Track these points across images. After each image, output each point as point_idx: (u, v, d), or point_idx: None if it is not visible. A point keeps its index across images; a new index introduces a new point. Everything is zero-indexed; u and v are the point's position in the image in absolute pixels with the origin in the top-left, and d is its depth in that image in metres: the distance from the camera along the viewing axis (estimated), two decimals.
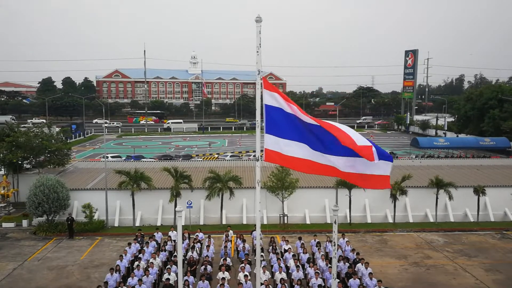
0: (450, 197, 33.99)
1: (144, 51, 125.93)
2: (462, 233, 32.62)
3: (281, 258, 23.00)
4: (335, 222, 11.77)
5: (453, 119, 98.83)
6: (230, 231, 27.22)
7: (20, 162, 39.21)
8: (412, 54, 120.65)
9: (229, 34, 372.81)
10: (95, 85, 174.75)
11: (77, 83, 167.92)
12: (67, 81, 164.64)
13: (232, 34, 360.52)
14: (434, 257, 27.65)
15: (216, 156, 64.45)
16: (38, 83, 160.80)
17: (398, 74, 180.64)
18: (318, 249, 24.20)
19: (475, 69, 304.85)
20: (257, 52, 12.02)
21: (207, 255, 23.81)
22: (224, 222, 33.43)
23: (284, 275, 21.05)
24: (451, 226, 33.93)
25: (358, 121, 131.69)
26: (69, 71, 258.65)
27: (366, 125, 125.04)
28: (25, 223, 33.73)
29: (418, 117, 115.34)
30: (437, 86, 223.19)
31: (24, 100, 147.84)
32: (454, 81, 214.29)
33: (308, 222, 34.44)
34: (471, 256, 27.82)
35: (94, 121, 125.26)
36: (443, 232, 32.79)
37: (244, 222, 33.96)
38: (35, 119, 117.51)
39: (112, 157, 56.24)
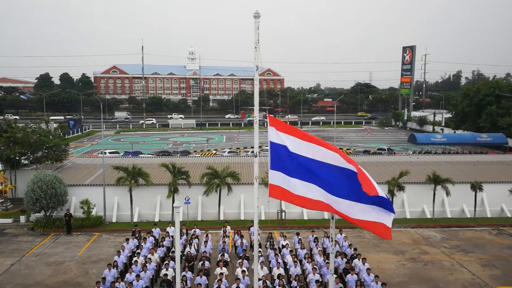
0: (447, 193, 34.11)
1: (142, 47, 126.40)
2: (459, 229, 32.75)
3: (279, 254, 23.07)
4: (332, 218, 11.80)
5: (451, 115, 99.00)
6: (228, 226, 27.26)
7: (17, 158, 39.17)
8: (409, 50, 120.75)
9: (229, 31, 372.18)
10: (92, 81, 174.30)
11: (75, 79, 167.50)
12: (65, 77, 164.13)
13: (231, 32, 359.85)
14: (431, 253, 27.77)
15: (214, 152, 64.45)
16: (36, 79, 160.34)
17: (396, 70, 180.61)
18: (316, 244, 24.29)
19: (473, 65, 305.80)
20: (255, 48, 12.04)
21: (205, 251, 23.87)
22: (222, 218, 33.48)
23: (281, 270, 21.13)
24: (448, 222, 34.07)
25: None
26: (66, 67, 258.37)
27: (363, 121, 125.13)
28: (23, 219, 33.73)
29: (415, 113, 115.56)
30: (435, 82, 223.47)
31: (21, 96, 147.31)
32: (452, 77, 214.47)
33: (305, 218, 34.52)
34: (467, 252, 27.95)
35: (124, 116, 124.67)
36: (440, 228, 32.91)
37: (242, 218, 34.03)
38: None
39: (110, 153, 56.18)
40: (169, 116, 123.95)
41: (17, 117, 72.79)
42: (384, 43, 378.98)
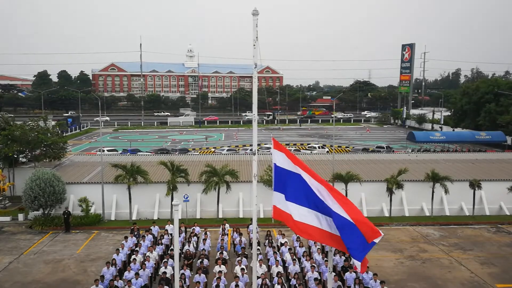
0: (446, 191, 34.12)
1: (140, 44, 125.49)
2: (457, 226, 32.77)
3: (278, 252, 23.08)
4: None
5: (449, 113, 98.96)
6: (227, 224, 27.25)
7: (15, 156, 39.08)
8: (409, 48, 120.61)
9: (227, 28, 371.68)
10: (91, 78, 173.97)
11: (73, 77, 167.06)
12: (63, 75, 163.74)
13: (230, 27, 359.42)
14: (430, 251, 27.79)
15: (213, 150, 64.40)
16: (34, 76, 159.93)
17: (395, 68, 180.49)
18: (314, 242, 24.28)
19: (472, 63, 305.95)
20: (254, 45, 12.01)
21: (203, 249, 23.88)
22: (220, 216, 33.46)
23: (280, 268, 21.12)
24: (447, 220, 34.09)
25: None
26: (64, 65, 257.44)
27: (363, 119, 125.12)
28: (21, 217, 33.67)
29: (414, 111, 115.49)
30: (434, 80, 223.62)
31: (19, 94, 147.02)
32: (451, 75, 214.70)
33: None
34: (466, 250, 27.97)
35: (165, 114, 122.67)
36: (438, 225, 32.93)
37: (241, 216, 34.01)
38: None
39: (108, 150, 56.10)
40: (182, 112, 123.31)
41: (11, 115, 72.48)
42: (383, 41, 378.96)
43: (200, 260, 21.84)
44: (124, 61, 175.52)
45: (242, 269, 20.44)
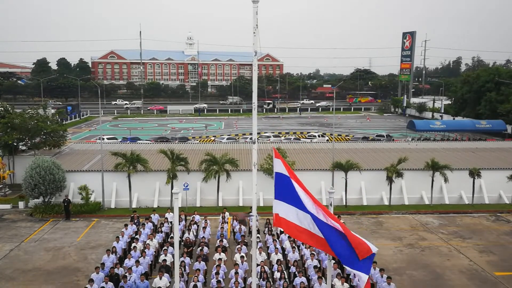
0: (446, 180, 34.17)
1: (140, 32, 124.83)
2: (457, 215, 32.87)
3: (277, 240, 23.16)
4: (330, 204, 11.78)
5: (450, 102, 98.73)
6: (227, 213, 27.31)
7: (15, 144, 39.05)
8: (409, 36, 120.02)
9: (227, 16, 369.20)
10: (90, 66, 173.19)
11: (72, 64, 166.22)
12: (62, 62, 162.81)
13: (229, 13, 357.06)
14: (429, 239, 27.90)
15: (213, 138, 64.36)
16: (33, 64, 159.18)
17: (396, 56, 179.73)
18: None
19: (473, 51, 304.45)
20: (254, 33, 11.89)
21: (203, 237, 23.98)
22: (220, 204, 33.53)
23: (280, 256, 21.22)
24: (446, 208, 34.18)
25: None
26: (63, 52, 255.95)
27: (363, 108, 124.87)
28: (21, 204, 33.74)
29: (414, 100, 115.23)
30: (434, 68, 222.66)
31: (19, 81, 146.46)
32: (451, 63, 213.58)
33: None
34: (465, 238, 28.09)
35: (201, 105, 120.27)
36: (438, 214, 33.03)
37: (241, 204, 34.09)
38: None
39: (108, 139, 56.05)
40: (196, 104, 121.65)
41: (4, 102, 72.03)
42: (384, 29, 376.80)
43: (200, 248, 21.93)
44: (123, 49, 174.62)
45: (242, 257, 20.54)
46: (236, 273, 18.94)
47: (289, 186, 11.09)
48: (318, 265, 20.08)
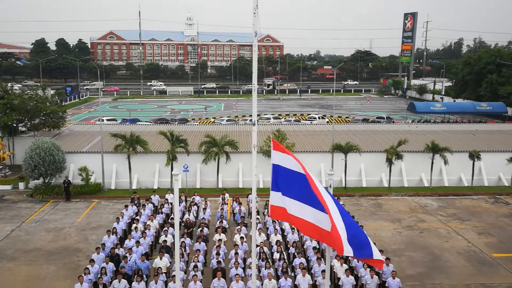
0: (445, 162, 34.18)
1: (139, 12, 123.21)
2: (456, 197, 32.98)
3: (277, 221, 23.25)
4: (330, 186, 11.78)
5: (451, 84, 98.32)
6: (226, 194, 27.41)
7: (15, 125, 38.98)
8: (411, 17, 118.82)
9: None
10: (89, 46, 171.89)
11: (71, 45, 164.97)
12: (61, 43, 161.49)
13: None
14: (428, 221, 28.05)
15: (212, 120, 64.23)
16: (31, 44, 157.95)
17: (397, 37, 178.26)
18: None
19: (475, 32, 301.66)
20: (254, 13, 11.72)
21: (203, 218, 24.10)
22: (220, 186, 33.60)
23: (279, 237, 21.35)
24: (446, 191, 34.27)
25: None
26: (62, 32, 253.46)
27: (363, 89, 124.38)
28: (21, 185, 33.82)
29: (415, 82, 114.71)
30: (436, 50, 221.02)
31: (17, 62, 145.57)
32: (453, 45, 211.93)
33: None
34: (464, 220, 28.23)
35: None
36: (437, 196, 33.15)
37: (240, 186, 34.16)
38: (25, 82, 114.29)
39: (107, 120, 55.93)
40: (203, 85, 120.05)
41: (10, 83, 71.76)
42: (386, 10, 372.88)
43: (200, 228, 22.05)
44: (122, 29, 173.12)
45: (242, 238, 20.66)
46: (236, 253, 19.08)
47: (287, 176, 10.99)
48: (317, 246, 20.21)
